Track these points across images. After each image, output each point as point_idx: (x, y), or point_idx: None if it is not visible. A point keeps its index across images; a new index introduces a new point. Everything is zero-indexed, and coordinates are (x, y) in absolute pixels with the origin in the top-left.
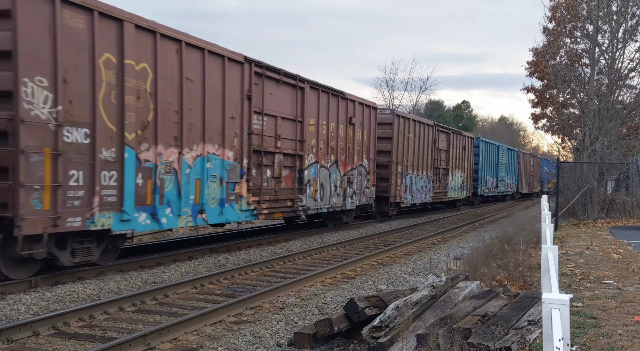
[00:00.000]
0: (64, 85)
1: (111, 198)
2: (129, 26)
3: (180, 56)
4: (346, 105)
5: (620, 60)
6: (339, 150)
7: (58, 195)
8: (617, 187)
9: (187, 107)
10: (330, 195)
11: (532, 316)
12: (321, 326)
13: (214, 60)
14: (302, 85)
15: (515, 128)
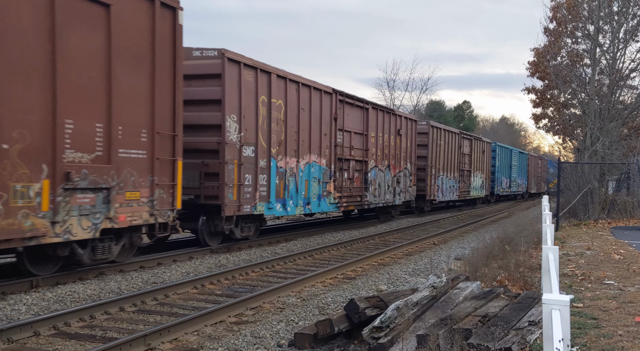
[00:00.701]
0: (243, 119)
1: (264, 193)
2: (273, 76)
3: (298, 93)
4: (395, 119)
5: (622, 61)
6: (390, 156)
7: (240, 190)
8: (618, 188)
9: (302, 128)
10: (385, 193)
11: (533, 317)
12: (322, 327)
13: (316, 93)
14: (367, 107)
15: (517, 129)
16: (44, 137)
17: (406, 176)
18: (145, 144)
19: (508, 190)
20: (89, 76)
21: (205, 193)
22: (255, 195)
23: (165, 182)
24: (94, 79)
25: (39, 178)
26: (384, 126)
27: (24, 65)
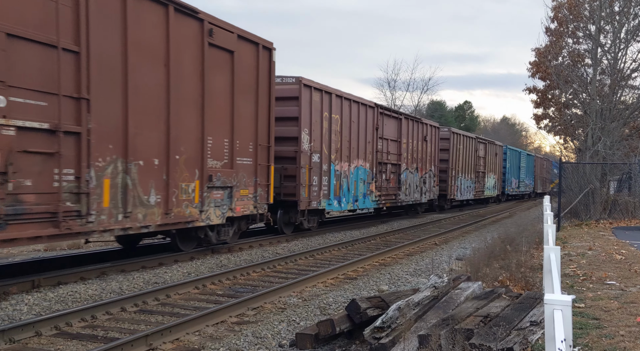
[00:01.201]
0: (312, 132)
1: (325, 191)
2: (333, 96)
3: (350, 108)
4: (422, 127)
5: (623, 61)
6: (418, 159)
7: (310, 189)
8: (619, 188)
9: (352, 137)
10: (413, 192)
11: (535, 317)
12: (323, 327)
13: (362, 108)
14: (400, 117)
15: (518, 129)
16: (197, 150)
17: (431, 177)
18: (251, 153)
19: (517, 190)
20: (221, 105)
21: (284, 191)
22: (320, 193)
23: (263, 182)
24: (223, 106)
25: (193, 179)
26: (413, 133)
27: (188, 99)
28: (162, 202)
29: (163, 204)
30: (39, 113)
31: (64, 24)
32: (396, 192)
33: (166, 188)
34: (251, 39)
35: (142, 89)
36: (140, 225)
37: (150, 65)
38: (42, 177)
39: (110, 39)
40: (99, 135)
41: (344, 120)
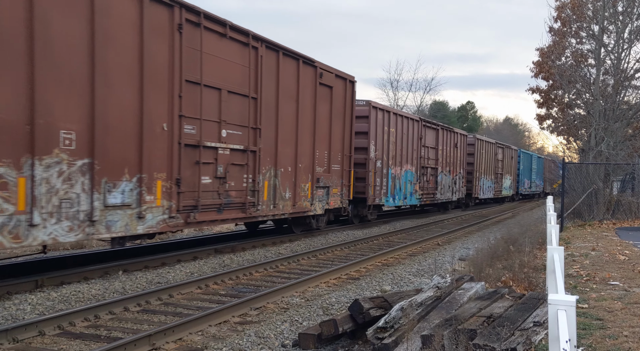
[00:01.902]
0: (377, 143)
1: (384, 190)
2: (391, 114)
3: (402, 122)
4: (453, 135)
5: (626, 61)
6: (450, 163)
7: (374, 189)
8: (622, 188)
9: (403, 146)
10: (447, 192)
11: (538, 318)
12: (326, 327)
13: (411, 122)
14: (437, 127)
15: (520, 129)
16: (310, 160)
17: (460, 179)
18: (340, 161)
19: (529, 190)
20: (323, 127)
21: (356, 190)
22: (380, 192)
23: (346, 183)
24: (324, 128)
25: (307, 181)
26: (446, 141)
27: (306, 124)
28: (292, 197)
29: (292, 198)
30: (238, 139)
31: (250, 81)
32: (434, 191)
33: (294, 188)
34: (343, 76)
35: (284, 119)
36: (281, 213)
37: (288, 103)
38: (238, 180)
39: (270, 88)
40: (264, 152)
41: (398, 132)
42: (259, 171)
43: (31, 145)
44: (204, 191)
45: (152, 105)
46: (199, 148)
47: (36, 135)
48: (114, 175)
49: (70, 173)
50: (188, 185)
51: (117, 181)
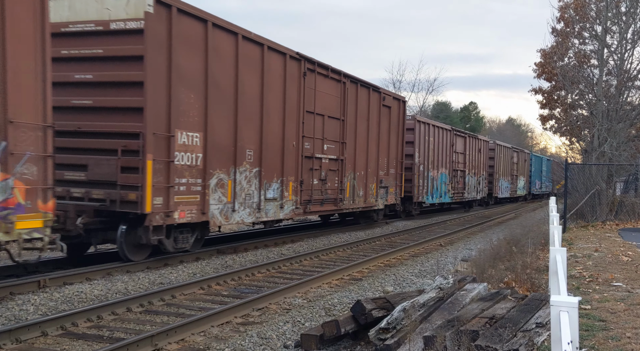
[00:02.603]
0: (420, 150)
1: (426, 190)
2: (431, 125)
3: (438, 132)
4: (477, 141)
5: (629, 61)
6: (474, 166)
7: (418, 189)
8: (626, 189)
9: (439, 152)
10: (472, 191)
11: (540, 319)
12: (328, 328)
13: (445, 132)
14: (465, 135)
15: (523, 130)
16: (375, 165)
17: (482, 180)
18: (395, 166)
19: (540, 190)
20: (384, 138)
21: (405, 189)
22: (423, 191)
23: (399, 184)
24: (385, 139)
25: (374, 182)
26: (472, 146)
27: (374, 138)
28: (363, 194)
29: (364, 196)
30: (332, 151)
31: (340, 108)
32: (462, 191)
33: (365, 187)
34: (397, 97)
35: (360, 134)
36: (357, 206)
37: (362, 121)
38: (332, 182)
39: (352, 112)
40: (347, 160)
41: (435, 140)
42: (344, 174)
43: (234, 159)
44: (314, 190)
45: (288, 130)
46: (312, 158)
47: (237, 153)
48: (269, 178)
49: (249, 177)
50: (305, 185)
51: (271, 182)
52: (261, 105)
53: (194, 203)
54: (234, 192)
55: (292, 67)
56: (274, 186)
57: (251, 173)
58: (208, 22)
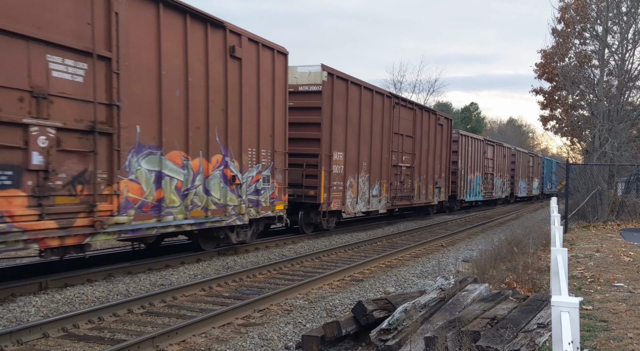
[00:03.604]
0: (464, 159)
1: (465, 190)
2: (469, 137)
3: (475, 142)
4: (502, 148)
5: (630, 62)
6: (500, 170)
7: (461, 189)
8: (627, 189)
9: (474, 159)
10: (498, 191)
11: (542, 319)
12: (329, 329)
13: (479, 141)
14: (494, 144)
15: (524, 130)
16: (432, 171)
17: (506, 181)
18: (444, 171)
19: (550, 190)
20: (437, 150)
21: (450, 189)
22: (463, 191)
23: (447, 185)
24: (439, 150)
25: (431, 183)
26: (498, 153)
27: (431, 151)
28: (425, 193)
29: (425, 195)
30: (407, 161)
31: (412, 128)
32: (491, 191)
33: (426, 188)
34: (447, 117)
35: (423, 147)
36: (421, 202)
37: (425, 137)
38: (407, 183)
39: (419, 131)
40: (416, 167)
41: (472, 149)
42: (414, 178)
43: (357, 168)
44: (397, 189)
45: (384, 147)
46: (396, 166)
47: (359, 165)
48: (374, 181)
49: (364, 180)
50: (392, 186)
51: (374, 184)
52: (370, 131)
53: (339, 198)
54: (357, 191)
55: (387, 103)
56: (376, 187)
57: (365, 178)
58: (348, 81)
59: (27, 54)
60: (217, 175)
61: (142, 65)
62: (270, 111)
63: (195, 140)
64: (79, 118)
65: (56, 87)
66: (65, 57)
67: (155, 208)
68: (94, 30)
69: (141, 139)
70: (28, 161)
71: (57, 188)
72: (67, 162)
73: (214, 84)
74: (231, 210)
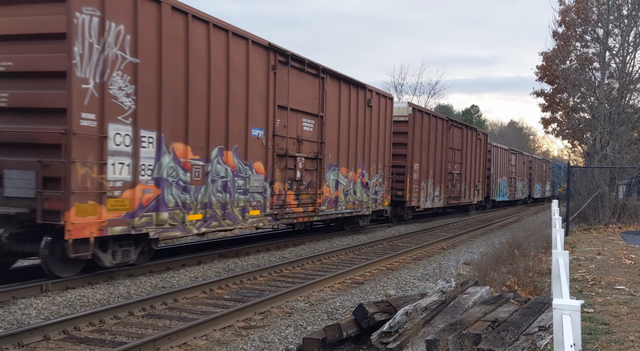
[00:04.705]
0: (493, 165)
1: (496, 191)
2: (499, 148)
3: (502, 152)
4: (522, 156)
5: (631, 64)
6: (521, 174)
7: (491, 189)
8: (628, 192)
9: (502, 165)
10: (519, 193)
11: (543, 322)
12: (330, 332)
13: (506, 151)
14: (515, 153)
15: (525, 133)
16: (473, 176)
17: (525, 184)
18: (482, 176)
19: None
20: (477, 160)
21: (486, 191)
22: (495, 192)
23: (484, 188)
24: (478, 160)
25: (472, 186)
26: (519, 160)
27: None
28: (468, 194)
29: (468, 195)
30: (457, 168)
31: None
32: (515, 192)
33: (469, 189)
34: (485, 132)
35: (468, 158)
36: (465, 202)
37: (469, 149)
38: (457, 187)
39: (465, 144)
40: (463, 173)
41: (501, 158)
42: (462, 182)
43: (427, 175)
44: (450, 191)
45: (443, 158)
46: (450, 173)
47: (427, 172)
48: (436, 184)
49: (430, 184)
50: (448, 188)
51: (437, 187)
52: (435, 147)
53: (416, 197)
54: (427, 192)
55: (445, 125)
56: (437, 189)
57: (431, 182)
58: (423, 112)
59: (296, 119)
60: (358, 182)
61: (331, 118)
62: (383, 138)
63: (350, 160)
64: (311, 151)
65: (304, 134)
66: (308, 118)
67: (334, 202)
68: (318, 102)
69: (330, 161)
70: (295, 175)
71: (302, 190)
72: (306, 175)
73: (359, 124)
74: (364, 204)
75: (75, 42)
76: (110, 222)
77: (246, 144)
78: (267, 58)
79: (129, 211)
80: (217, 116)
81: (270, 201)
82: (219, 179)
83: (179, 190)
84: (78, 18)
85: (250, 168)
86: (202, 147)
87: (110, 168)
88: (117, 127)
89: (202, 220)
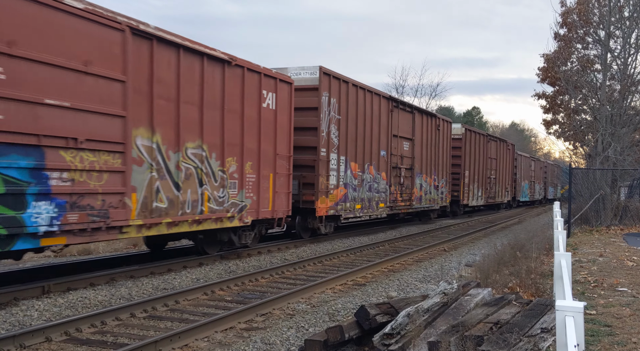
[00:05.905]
0: (517, 169)
1: (520, 193)
2: (522, 156)
3: (525, 159)
4: (540, 162)
5: (633, 66)
6: (538, 178)
7: (515, 191)
8: (630, 194)
9: (524, 170)
10: (536, 194)
11: (545, 324)
12: (332, 334)
13: (527, 158)
14: (534, 159)
15: (527, 135)
16: (505, 180)
17: (541, 187)
18: (510, 179)
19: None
20: (506, 166)
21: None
22: (519, 194)
23: (512, 190)
24: (507, 167)
25: (504, 189)
26: (537, 165)
27: (504, 168)
28: (501, 195)
29: (501, 196)
30: (494, 174)
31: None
32: (534, 194)
33: (501, 191)
34: (512, 143)
35: (501, 165)
36: (499, 201)
37: (502, 158)
38: (492, 188)
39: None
40: (497, 178)
41: (523, 163)
42: (496, 185)
43: (473, 180)
44: (488, 192)
45: (485, 166)
46: (488, 178)
47: (475, 177)
48: (479, 186)
49: (475, 186)
50: (487, 189)
51: (479, 189)
52: (478, 157)
53: (466, 197)
54: (473, 193)
55: (485, 139)
56: (480, 190)
57: (476, 185)
58: (471, 131)
59: (400, 142)
60: (431, 184)
61: (417, 140)
62: (446, 152)
63: (427, 169)
64: (408, 163)
65: (404, 153)
66: (405, 141)
67: (419, 199)
68: (411, 129)
69: (417, 170)
70: (400, 180)
71: (404, 191)
72: (406, 180)
73: (431, 143)
74: (435, 201)
75: (321, 110)
76: (330, 207)
77: (378, 161)
78: (387, 104)
79: (335, 202)
80: (368, 145)
81: (389, 198)
82: (367, 184)
83: (352, 190)
84: (321, 97)
85: (380, 177)
86: (361, 164)
87: (330, 178)
88: (332, 155)
89: (360, 209)
